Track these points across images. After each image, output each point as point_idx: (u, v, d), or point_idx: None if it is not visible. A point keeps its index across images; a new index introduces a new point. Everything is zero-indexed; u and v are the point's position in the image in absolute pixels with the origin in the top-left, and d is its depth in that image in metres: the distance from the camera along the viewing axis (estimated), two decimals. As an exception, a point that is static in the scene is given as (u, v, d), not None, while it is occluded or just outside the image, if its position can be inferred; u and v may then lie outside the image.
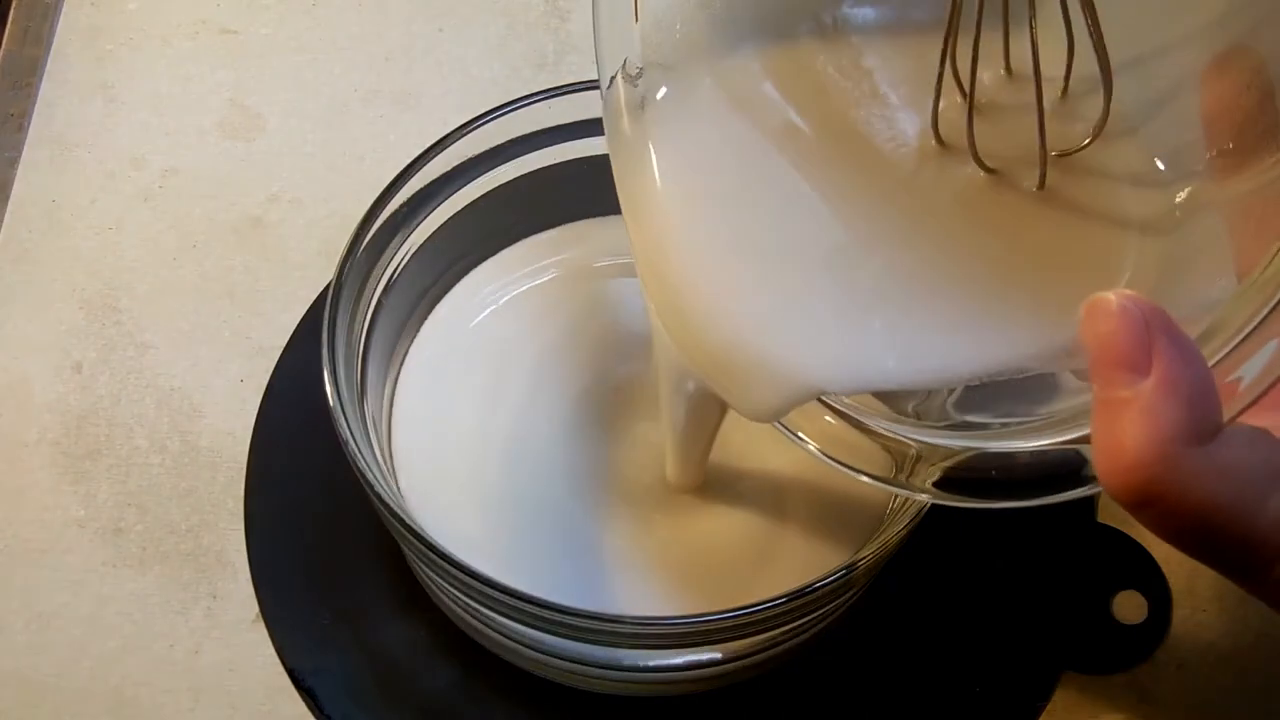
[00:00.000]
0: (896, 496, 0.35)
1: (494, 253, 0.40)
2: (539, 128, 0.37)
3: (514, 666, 0.35)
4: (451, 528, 0.35)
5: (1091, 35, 0.23)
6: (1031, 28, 0.23)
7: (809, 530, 0.35)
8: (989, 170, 0.26)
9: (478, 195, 0.38)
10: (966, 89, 0.25)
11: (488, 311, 0.39)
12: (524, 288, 0.40)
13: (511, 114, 0.36)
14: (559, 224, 0.40)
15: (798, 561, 0.34)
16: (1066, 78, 0.25)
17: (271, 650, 0.36)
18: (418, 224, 0.36)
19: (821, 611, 0.32)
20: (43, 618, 0.37)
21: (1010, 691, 0.36)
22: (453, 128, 0.35)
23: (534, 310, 0.39)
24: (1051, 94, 0.25)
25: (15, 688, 0.36)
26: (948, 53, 0.25)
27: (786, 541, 0.35)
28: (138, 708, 0.36)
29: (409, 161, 0.35)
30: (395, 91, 0.48)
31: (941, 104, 0.26)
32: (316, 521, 0.38)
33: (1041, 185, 0.26)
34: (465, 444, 0.37)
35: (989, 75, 0.26)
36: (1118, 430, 0.21)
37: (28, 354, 0.42)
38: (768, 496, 0.36)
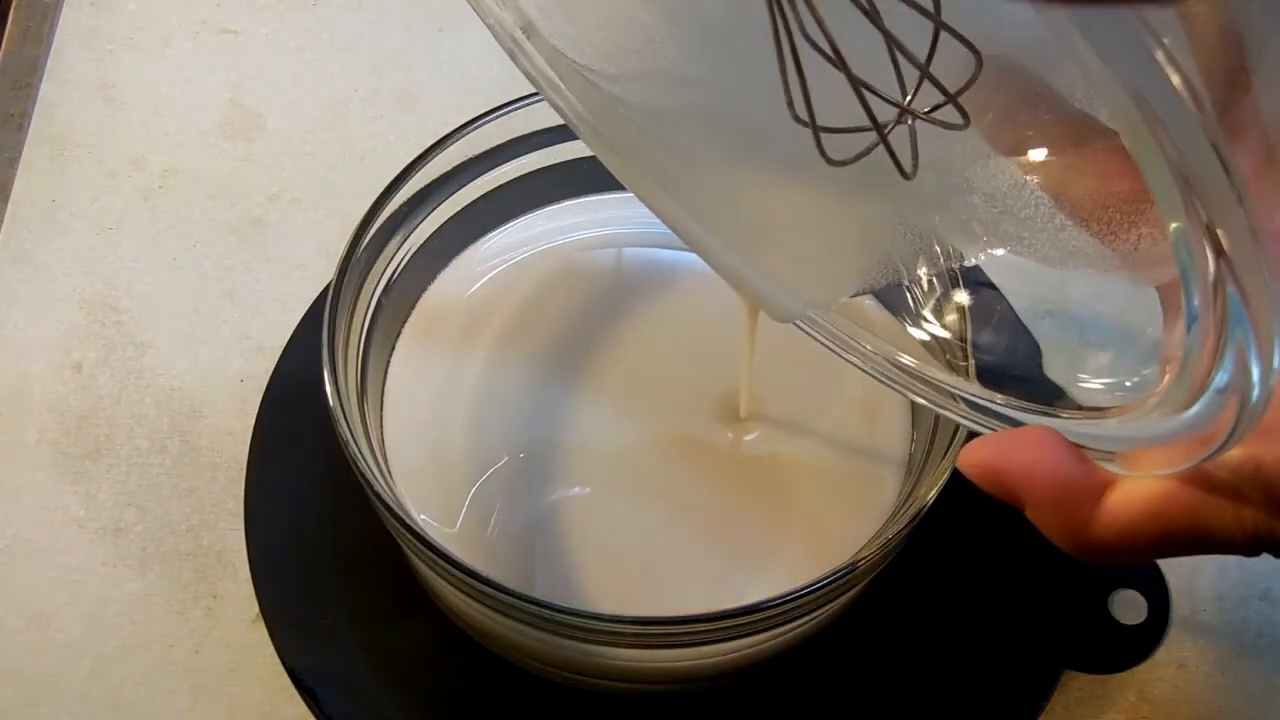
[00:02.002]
0: (899, 498, 0.35)
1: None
2: (539, 128, 0.37)
3: (514, 666, 0.35)
4: (447, 522, 0.35)
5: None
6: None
7: (809, 530, 0.35)
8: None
9: (477, 195, 0.38)
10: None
11: (471, 295, 0.39)
12: (505, 265, 0.40)
13: (511, 114, 0.36)
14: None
15: (798, 561, 0.34)
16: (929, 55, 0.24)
17: (271, 650, 0.36)
18: (418, 224, 0.36)
19: (821, 611, 0.32)
20: (43, 618, 0.37)
21: (1010, 691, 0.36)
22: (453, 128, 0.35)
23: (518, 289, 0.39)
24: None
25: (15, 687, 0.36)
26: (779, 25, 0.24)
27: (787, 541, 0.35)
28: (138, 708, 0.36)
29: (409, 161, 0.35)
30: (395, 91, 0.48)
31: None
32: (316, 521, 0.38)
33: (912, 170, 0.25)
34: (460, 432, 0.37)
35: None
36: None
37: (28, 354, 0.42)
38: (769, 496, 0.36)
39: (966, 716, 0.36)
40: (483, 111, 0.36)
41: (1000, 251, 0.27)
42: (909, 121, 0.24)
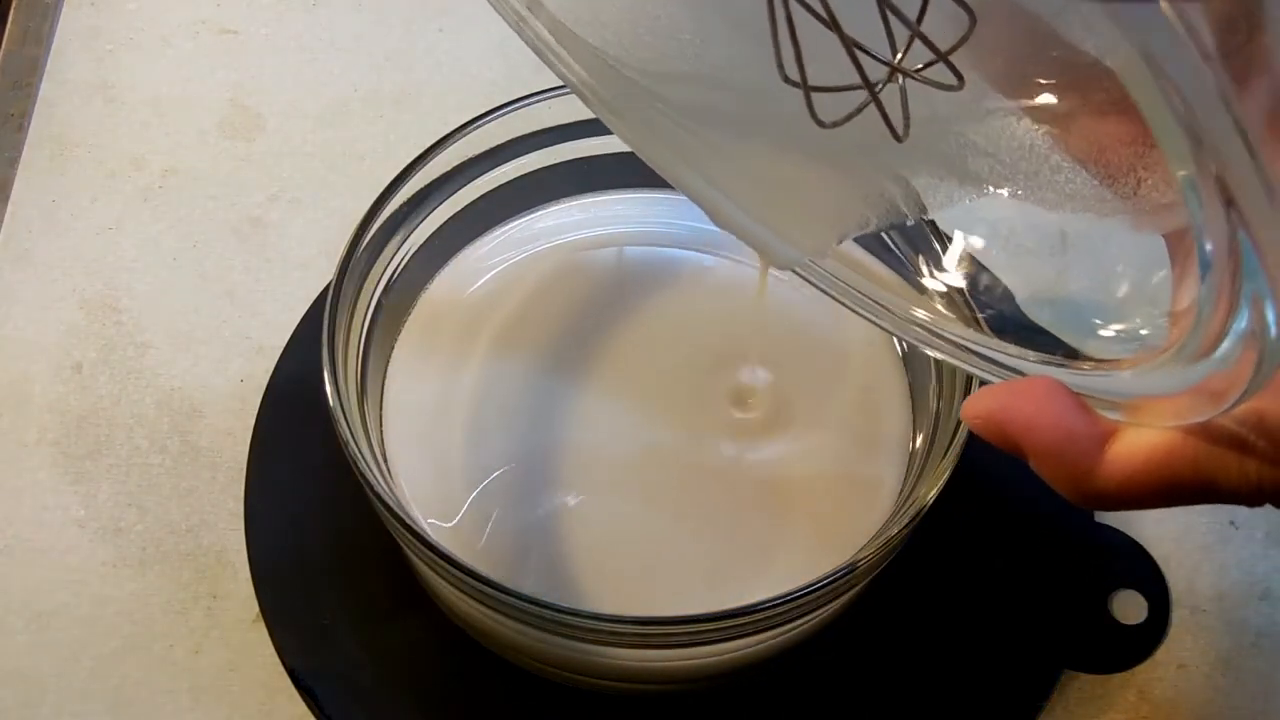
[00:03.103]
0: (899, 498, 0.35)
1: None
2: (539, 128, 0.37)
3: (514, 666, 0.35)
4: (447, 522, 0.35)
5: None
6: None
7: (809, 530, 0.35)
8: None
9: (477, 195, 0.38)
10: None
11: (471, 294, 0.39)
12: (505, 265, 0.40)
13: (511, 114, 0.36)
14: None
15: (798, 561, 0.34)
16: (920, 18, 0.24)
17: (271, 650, 0.36)
18: (418, 224, 0.36)
19: (821, 611, 0.32)
20: (43, 618, 0.37)
21: (1010, 691, 0.36)
22: (453, 128, 0.35)
23: (518, 289, 0.39)
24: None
25: (15, 687, 0.36)
26: None
27: (786, 541, 0.35)
28: (138, 708, 0.36)
29: (409, 161, 0.35)
30: (395, 91, 0.48)
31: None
32: (316, 521, 0.38)
33: (904, 131, 0.25)
34: (460, 432, 0.37)
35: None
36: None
37: (28, 354, 0.42)
38: (768, 496, 0.36)
39: (966, 716, 0.36)
40: (483, 111, 0.36)
41: (1002, 192, 0.26)
42: (899, 81, 0.23)
